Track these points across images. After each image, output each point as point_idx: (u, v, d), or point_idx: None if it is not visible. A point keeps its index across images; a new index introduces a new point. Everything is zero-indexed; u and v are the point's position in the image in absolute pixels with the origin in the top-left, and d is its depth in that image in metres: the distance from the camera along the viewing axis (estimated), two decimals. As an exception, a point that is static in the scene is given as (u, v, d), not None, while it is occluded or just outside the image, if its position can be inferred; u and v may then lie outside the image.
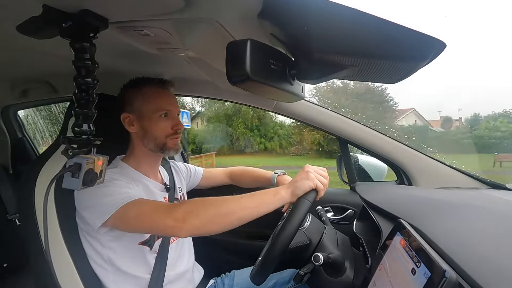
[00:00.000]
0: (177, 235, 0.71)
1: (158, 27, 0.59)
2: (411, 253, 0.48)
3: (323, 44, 0.43)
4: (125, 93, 0.87)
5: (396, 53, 0.42)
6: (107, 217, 0.70)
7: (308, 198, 0.70)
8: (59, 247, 0.77)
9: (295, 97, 0.58)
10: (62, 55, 0.78)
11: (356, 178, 1.22)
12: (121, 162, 0.87)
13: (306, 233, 0.79)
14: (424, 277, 0.41)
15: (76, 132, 0.56)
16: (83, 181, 0.55)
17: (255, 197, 0.70)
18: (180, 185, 1.04)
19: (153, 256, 0.83)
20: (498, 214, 0.66)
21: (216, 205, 0.67)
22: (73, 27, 0.50)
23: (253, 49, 0.42)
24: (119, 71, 0.92)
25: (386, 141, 1.11)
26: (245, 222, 0.68)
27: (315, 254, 0.69)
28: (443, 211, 0.67)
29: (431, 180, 1.07)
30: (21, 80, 1.16)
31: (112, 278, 0.79)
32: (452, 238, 0.51)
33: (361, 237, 0.87)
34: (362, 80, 0.53)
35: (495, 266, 0.41)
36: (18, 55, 0.80)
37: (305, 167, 0.75)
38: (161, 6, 0.50)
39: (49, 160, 0.82)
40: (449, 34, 15.12)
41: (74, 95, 0.56)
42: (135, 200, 0.71)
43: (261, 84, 0.45)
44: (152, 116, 0.84)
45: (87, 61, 0.54)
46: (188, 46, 0.67)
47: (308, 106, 1.13)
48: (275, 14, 0.47)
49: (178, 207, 0.68)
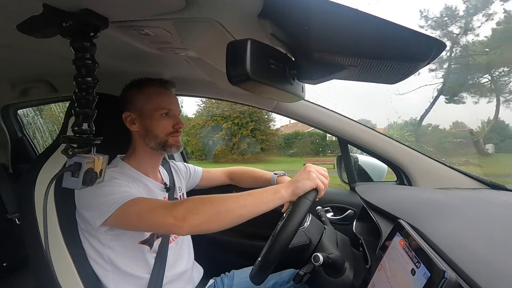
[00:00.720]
0: (177, 233, 0.71)
1: (159, 27, 0.59)
2: (410, 253, 0.48)
3: (323, 44, 0.43)
4: (127, 92, 0.88)
5: (397, 53, 0.42)
6: (107, 216, 0.70)
7: (308, 197, 0.70)
8: (59, 247, 0.77)
9: (295, 97, 0.58)
10: (62, 55, 0.78)
11: (356, 178, 1.22)
12: (121, 162, 0.87)
13: (306, 233, 0.79)
14: (424, 278, 0.41)
15: (76, 131, 0.56)
16: (83, 180, 0.55)
17: (255, 195, 0.70)
18: (180, 185, 1.04)
19: (152, 255, 0.83)
20: (497, 214, 0.66)
21: (216, 203, 0.67)
22: (74, 27, 0.50)
23: (253, 49, 0.42)
24: (119, 71, 0.92)
25: (386, 141, 1.11)
26: (245, 220, 0.68)
27: (315, 254, 0.69)
28: (442, 212, 0.67)
29: (430, 181, 1.07)
30: (21, 79, 1.16)
31: (111, 278, 0.79)
32: (451, 238, 0.51)
33: (361, 238, 0.87)
34: (362, 81, 0.53)
35: (495, 267, 0.41)
36: (18, 54, 0.80)
37: (306, 166, 0.75)
38: (162, 6, 0.50)
39: (49, 160, 0.82)
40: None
41: (74, 94, 0.56)
42: (135, 198, 0.71)
43: (261, 84, 0.45)
44: (154, 115, 0.85)
45: (87, 61, 0.54)
46: (188, 46, 0.67)
47: (308, 106, 1.13)
48: (275, 14, 0.47)
49: (178, 205, 0.68)
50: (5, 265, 1.42)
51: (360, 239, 0.87)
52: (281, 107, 1.15)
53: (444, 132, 13.41)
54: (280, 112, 1.17)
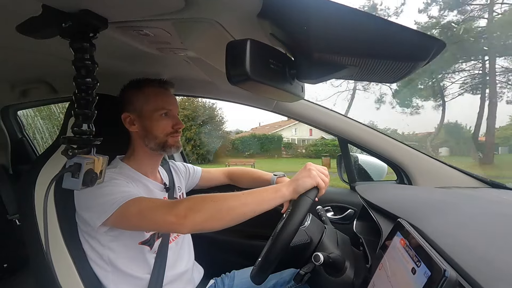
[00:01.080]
0: (179, 232, 0.71)
1: (158, 27, 0.59)
2: (411, 252, 0.48)
3: (322, 44, 0.43)
4: (126, 93, 0.88)
5: (396, 52, 0.42)
6: (107, 216, 0.70)
7: (309, 195, 0.70)
8: (59, 248, 0.77)
9: (295, 97, 0.58)
10: (62, 55, 0.78)
11: (356, 177, 1.22)
12: (120, 162, 0.87)
13: (306, 232, 0.79)
14: (424, 277, 0.41)
15: (75, 132, 0.56)
16: (83, 181, 0.55)
17: (256, 194, 0.70)
18: (179, 184, 1.04)
19: (152, 256, 0.83)
20: (498, 213, 0.66)
21: (217, 202, 0.67)
22: (73, 27, 0.50)
23: (253, 49, 0.42)
24: (118, 71, 0.92)
25: (386, 140, 1.11)
26: (247, 218, 0.68)
27: (315, 253, 0.69)
28: (443, 211, 0.67)
29: (431, 180, 1.07)
30: (20, 80, 1.16)
31: (111, 278, 0.79)
32: (452, 237, 0.51)
33: (361, 237, 0.87)
34: (362, 80, 0.53)
35: (495, 266, 0.41)
36: (18, 55, 0.80)
37: (307, 165, 0.75)
38: (161, 6, 0.50)
39: (49, 161, 0.82)
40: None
41: (73, 95, 0.56)
42: (136, 198, 0.71)
43: (261, 84, 0.45)
44: (153, 116, 0.85)
45: (86, 61, 0.54)
46: (187, 46, 0.67)
47: (308, 106, 1.13)
48: (274, 14, 0.47)
49: (180, 203, 0.68)
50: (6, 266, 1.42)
51: (360, 239, 0.87)
52: (281, 106, 1.15)
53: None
54: (280, 112, 1.17)
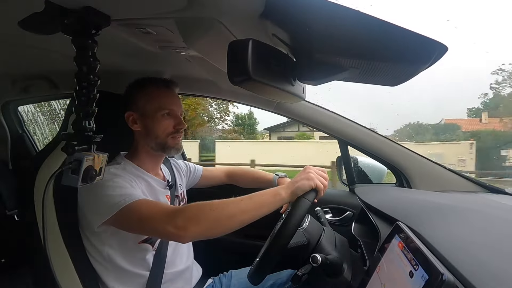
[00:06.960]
0: (179, 242, 0.72)
1: (160, 26, 0.59)
2: (409, 255, 0.48)
3: (324, 46, 0.43)
4: (130, 92, 0.88)
5: (398, 55, 0.42)
6: (108, 217, 0.70)
7: (308, 197, 0.70)
8: (57, 243, 0.77)
9: (296, 98, 0.58)
10: (64, 52, 0.78)
11: (356, 180, 1.22)
12: (124, 159, 0.87)
13: (304, 233, 0.79)
14: (422, 280, 0.41)
15: (76, 128, 0.56)
16: (82, 178, 0.55)
17: (255, 199, 0.70)
18: (181, 182, 1.04)
19: (151, 253, 0.83)
20: (496, 218, 0.66)
21: (216, 210, 0.67)
22: (75, 24, 0.50)
23: (255, 49, 0.42)
24: (120, 69, 0.92)
25: (386, 143, 1.11)
26: (246, 224, 0.68)
27: (313, 255, 0.69)
28: (441, 215, 0.67)
29: (430, 183, 1.07)
30: (22, 76, 1.16)
31: (111, 275, 0.79)
32: (450, 241, 0.51)
33: (359, 239, 0.87)
34: (363, 82, 0.53)
35: (493, 270, 0.41)
36: (19, 51, 0.80)
37: (306, 168, 0.76)
38: (164, 5, 0.50)
39: (49, 157, 0.82)
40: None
41: (75, 91, 0.56)
42: (137, 201, 0.70)
43: (262, 84, 0.45)
44: (155, 115, 0.85)
45: (88, 58, 0.54)
46: (190, 45, 0.67)
47: (308, 107, 1.13)
48: (277, 14, 0.47)
49: (179, 214, 0.68)
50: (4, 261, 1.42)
51: (358, 241, 0.87)
52: (282, 107, 1.15)
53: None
54: (280, 113, 1.17)
